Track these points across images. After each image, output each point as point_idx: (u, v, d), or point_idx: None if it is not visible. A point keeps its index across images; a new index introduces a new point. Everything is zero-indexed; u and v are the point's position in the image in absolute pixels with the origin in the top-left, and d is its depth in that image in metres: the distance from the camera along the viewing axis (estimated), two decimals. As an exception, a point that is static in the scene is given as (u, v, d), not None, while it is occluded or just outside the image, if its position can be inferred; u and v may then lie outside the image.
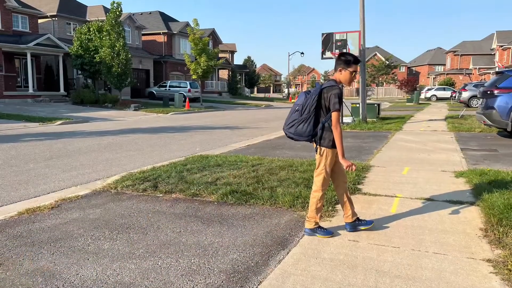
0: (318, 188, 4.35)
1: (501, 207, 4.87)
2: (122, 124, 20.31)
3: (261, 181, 6.69)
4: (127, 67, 32.01)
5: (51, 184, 7.33)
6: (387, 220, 4.90)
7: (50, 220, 5.10)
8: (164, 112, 29.01)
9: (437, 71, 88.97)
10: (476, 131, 14.28)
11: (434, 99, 52.55)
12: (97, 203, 5.85)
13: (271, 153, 10.13)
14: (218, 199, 5.84)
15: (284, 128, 4.42)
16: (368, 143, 11.72)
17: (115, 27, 31.32)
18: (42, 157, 10.30)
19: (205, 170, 7.71)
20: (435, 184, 6.62)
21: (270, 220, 4.98)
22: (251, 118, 25.28)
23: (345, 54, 4.43)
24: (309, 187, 5.73)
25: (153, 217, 5.15)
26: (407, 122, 18.57)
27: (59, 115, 23.72)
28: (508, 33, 60.27)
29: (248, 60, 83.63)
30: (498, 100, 12.08)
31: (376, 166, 8.22)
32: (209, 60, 35.70)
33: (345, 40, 17.13)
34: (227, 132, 16.24)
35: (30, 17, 35.32)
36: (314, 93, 4.25)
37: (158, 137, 14.47)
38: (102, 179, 7.61)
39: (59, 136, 15.01)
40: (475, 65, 71.36)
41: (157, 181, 6.88)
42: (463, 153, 9.84)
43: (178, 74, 51.00)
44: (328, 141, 4.26)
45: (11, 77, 32.61)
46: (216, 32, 58.01)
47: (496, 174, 6.91)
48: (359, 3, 17.64)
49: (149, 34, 49.40)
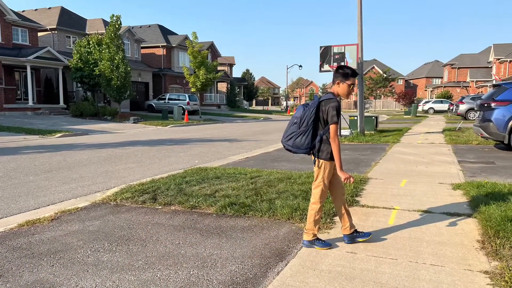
0: (316, 200, 4.38)
1: (498, 219, 4.90)
2: (121, 137, 20.34)
3: (259, 193, 6.72)
4: (126, 80, 32.14)
5: (51, 196, 7.35)
6: (384, 232, 4.92)
7: (50, 232, 5.12)
8: (163, 125, 29.07)
9: (435, 83, 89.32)
10: (473, 144, 14.34)
11: (431, 111, 52.63)
12: (96, 215, 5.87)
13: (270, 165, 10.17)
14: (217, 211, 5.86)
15: (283, 141, 4.45)
16: (366, 156, 11.76)
17: (115, 40, 31.51)
18: (42, 169, 10.32)
19: (204, 182, 7.74)
20: (433, 196, 6.65)
21: (268, 232, 5.00)
22: (249, 130, 25.33)
23: (343, 67, 4.45)
24: (307, 199, 5.75)
25: (152, 229, 5.17)
26: (405, 135, 18.62)
27: (59, 127, 23.77)
28: (505, 46, 60.51)
29: (247, 73, 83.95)
30: (495, 113, 12.14)
31: (374, 178, 8.25)
32: (208, 73, 35.81)
33: (343, 53, 17.20)
34: (225, 145, 16.28)
35: (30, 30, 35.54)
36: (312, 106, 4.28)
37: (157, 150, 14.50)
38: (102, 191, 7.64)
39: (59, 148, 15.03)
40: (472, 77, 71.61)
41: (156, 193, 6.91)
42: (460, 165, 9.88)
43: (177, 87, 51.16)
44: (326, 154, 4.29)
45: (11, 90, 32.73)
46: (215, 45, 58.31)
47: (493, 186, 6.94)
48: (357, 17, 17.81)
49: (148, 47, 49.65)
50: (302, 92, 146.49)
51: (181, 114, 34.22)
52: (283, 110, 72.82)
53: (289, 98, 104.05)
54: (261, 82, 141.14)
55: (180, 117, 33.76)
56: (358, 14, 17.73)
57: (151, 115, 37.68)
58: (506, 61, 56.43)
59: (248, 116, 46.59)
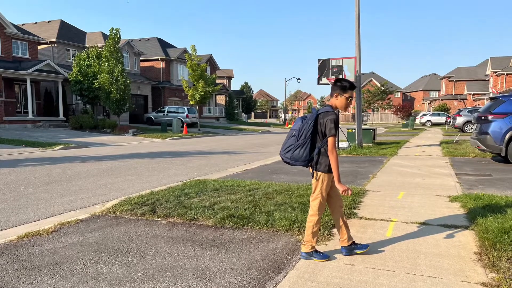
0: (315, 212, 4.41)
1: (495, 231, 4.93)
2: (121, 149, 20.37)
3: (258, 205, 6.75)
4: (126, 93, 32.22)
5: (51, 209, 7.38)
6: (382, 244, 4.95)
7: (50, 244, 5.15)
8: (162, 137, 29.11)
9: (432, 96, 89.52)
10: (470, 156, 14.40)
11: (429, 124, 52.74)
12: (96, 227, 5.89)
13: (268, 177, 10.19)
14: (215, 223, 5.89)
15: (281, 153, 4.48)
16: (364, 168, 11.81)
17: (114, 53, 31.63)
18: (42, 181, 10.35)
19: (202, 194, 7.78)
20: (430, 208, 6.68)
21: (267, 244, 5.03)
22: (248, 143, 25.37)
23: (341, 80, 4.48)
24: (305, 211, 5.78)
25: (151, 241, 5.19)
26: (402, 147, 18.69)
27: (59, 140, 23.80)
28: (502, 59, 60.68)
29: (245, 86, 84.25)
30: (492, 126, 12.23)
31: (372, 190, 8.29)
32: (206, 86, 35.90)
33: (341, 66, 17.29)
34: (224, 157, 16.32)
35: (29, 43, 35.72)
36: (310, 118, 4.32)
37: (156, 162, 14.53)
38: (101, 203, 7.67)
39: (59, 161, 15.06)
40: (469, 90, 71.69)
41: (155, 205, 6.93)
42: (457, 177, 9.92)
43: (176, 100, 51.27)
44: (324, 166, 4.33)
45: (11, 103, 32.81)
46: (214, 58, 58.55)
47: (490, 198, 6.98)
48: (355, 30, 17.93)
49: (147, 60, 49.84)
50: (300, 105, 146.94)
51: (180, 127, 34.29)
52: (282, 122, 72.98)
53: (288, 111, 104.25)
54: (260, 95, 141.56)
55: (179, 130, 33.82)
56: (356, 27, 17.86)
57: (150, 128, 37.74)
58: (503, 74, 56.61)
59: (246, 128, 46.65)
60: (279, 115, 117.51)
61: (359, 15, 17.86)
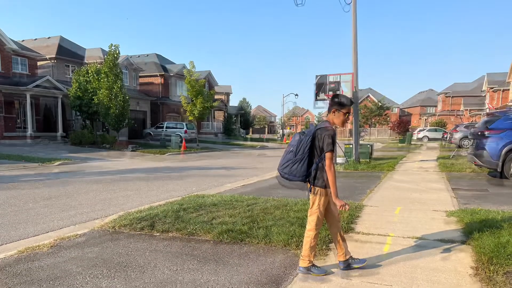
0: (312, 227, 4.45)
1: (491, 246, 4.97)
2: (120, 165, 20.39)
3: (256, 220, 6.78)
4: (125, 108, 32.22)
5: (50, 224, 7.40)
6: (379, 258, 4.98)
7: (49, 259, 5.17)
8: (161, 153, 29.10)
9: (429, 112, 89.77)
10: (467, 171, 14.42)
11: (426, 140, 52.78)
12: (95, 242, 5.92)
13: (266, 192, 10.23)
14: (214, 238, 5.92)
15: (279, 169, 4.52)
16: (361, 183, 11.85)
17: (113, 69, 31.63)
18: (41, 196, 10.37)
19: (201, 209, 7.80)
20: (427, 223, 6.72)
21: (265, 258, 5.06)
22: (246, 158, 25.41)
23: (339, 96, 4.55)
24: (303, 226, 5.80)
25: (150, 256, 5.22)
26: (400, 163, 18.74)
27: (58, 155, 23.79)
28: (498, 75, 60.46)
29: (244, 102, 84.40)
30: (488, 141, 12.28)
31: (369, 205, 8.32)
32: (205, 102, 35.90)
33: (338, 82, 17.37)
34: (222, 172, 16.34)
35: (29, 59, 35.83)
36: (308, 134, 4.37)
37: (155, 177, 14.55)
38: (100, 218, 7.69)
39: (58, 176, 15.08)
40: (466, 106, 71.80)
41: (154, 220, 6.95)
42: (454, 192, 9.96)
43: (174, 116, 51.32)
44: (322, 181, 4.36)
45: (10, 119, 32.82)
46: (212, 74, 58.70)
47: (486, 213, 7.02)
48: (352, 46, 18.06)
49: (146, 76, 49.91)
50: (298, 120, 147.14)
51: (178, 143, 34.30)
52: (279, 138, 72.93)
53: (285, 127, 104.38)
54: (258, 111, 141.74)
55: (178, 146, 33.82)
56: (353, 44, 17.99)
57: (149, 143, 37.75)
58: (499, 89, 56.65)
59: (244, 144, 46.71)
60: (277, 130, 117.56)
61: (356, 32, 18.00)
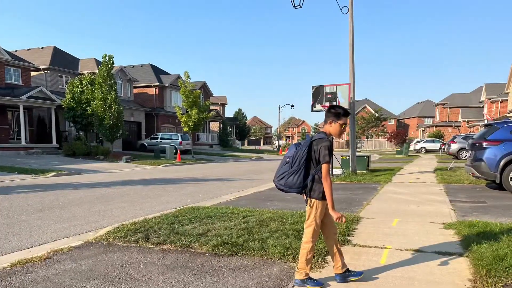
0: (308, 239, 4.40)
1: (489, 258, 4.94)
2: (114, 176, 20.30)
3: (251, 232, 6.73)
4: (119, 119, 32.16)
5: (44, 236, 7.33)
6: (376, 271, 4.94)
7: (43, 271, 5.11)
8: (156, 164, 29.03)
9: (427, 123, 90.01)
10: (465, 183, 14.42)
11: (423, 151, 52.86)
12: (89, 254, 5.85)
13: (262, 204, 10.18)
14: (209, 251, 5.86)
15: (275, 180, 4.48)
16: (358, 195, 11.82)
17: (107, 79, 31.60)
18: (35, 208, 10.28)
19: (196, 221, 7.75)
20: (424, 235, 6.68)
21: (260, 271, 5.00)
22: (241, 170, 25.36)
23: (335, 107, 4.52)
24: (299, 239, 5.77)
25: (144, 268, 5.16)
26: (397, 174, 18.71)
27: (52, 167, 23.69)
28: (496, 85, 60.25)
29: (239, 113, 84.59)
30: (486, 152, 12.23)
31: (366, 217, 8.29)
32: (200, 113, 35.85)
33: (335, 92, 17.35)
34: (218, 184, 16.29)
35: (22, 70, 35.79)
36: (304, 145, 4.33)
37: (149, 189, 14.48)
38: (94, 230, 7.62)
39: (52, 188, 14.97)
40: (464, 117, 71.93)
41: (148, 232, 6.90)
42: (452, 204, 9.94)
43: (169, 127, 51.31)
44: (318, 193, 4.33)
45: (4, 129, 32.74)
46: (207, 84, 58.86)
47: (484, 225, 6.98)
48: (349, 56, 18.09)
49: (141, 86, 49.91)
50: (294, 131, 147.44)
51: (173, 154, 34.22)
52: (275, 149, 72.98)
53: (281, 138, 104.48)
54: (253, 122, 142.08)
55: (173, 157, 33.73)
56: (350, 53, 18.01)
57: (144, 155, 37.66)
58: (497, 100, 56.44)
59: (240, 155, 46.62)
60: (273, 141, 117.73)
61: (353, 42, 18.06)
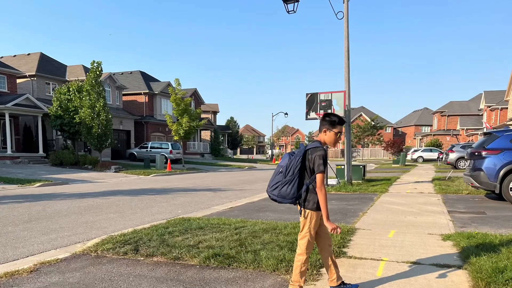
0: (303, 251, 4.28)
1: (489, 270, 4.84)
2: (103, 186, 20.10)
3: (244, 244, 6.59)
4: (108, 128, 31.71)
5: (30, 248, 7.17)
6: (372, 284, 4.82)
7: (29, 284, 4.97)
8: (145, 174, 28.80)
9: (424, 131, 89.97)
10: (463, 193, 14.26)
11: (420, 160, 52.91)
12: (76, 266, 5.71)
13: (255, 215, 10.05)
14: (200, 263, 5.72)
15: (268, 190, 4.37)
16: (354, 206, 11.70)
17: (95, 87, 31.15)
18: (21, 219, 10.10)
19: (187, 233, 7.60)
20: (422, 247, 6.57)
21: (253, 284, 4.87)
22: (234, 179, 25.21)
23: (330, 115, 4.42)
24: (293, 250, 5.65)
25: (134, 281, 5.01)
26: (393, 184, 18.61)
27: (38, 176, 23.43)
28: (496, 93, 60.21)
29: (231, 121, 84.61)
30: (486, 162, 12.07)
31: (362, 229, 8.16)
32: (191, 121, 35.54)
33: (330, 100, 17.21)
34: (209, 194, 16.12)
35: (8, 76, 35.42)
36: (298, 154, 4.23)
37: (139, 199, 14.29)
38: (82, 242, 7.48)
39: (38, 198, 14.76)
40: (462, 125, 71.67)
41: (138, 244, 6.74)
42: (450, 215, 9.81)
43: (159, 135, 51.01)
44: (313, 204, 4.22)
45: (-12, 138, 32.36)
46: (198, 92, 58.65)
47: (484, 237, 6.87)
48: (344, 63, 17.97)
49: (130, 94, 49.43)
50: (287, 140, 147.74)
51: (163, 163, 33.98)
52: (268, 158, 72.98)
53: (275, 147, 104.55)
54: (246, 130, 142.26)
55: (163, 166, 33.51)
56: (346, 61, 17.89)
57: (133, 164, 37.41)
58: (497, 108, 56.19)
59: (232, 165, 46.45)
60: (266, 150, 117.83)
61: (348, 48, 17.93)
